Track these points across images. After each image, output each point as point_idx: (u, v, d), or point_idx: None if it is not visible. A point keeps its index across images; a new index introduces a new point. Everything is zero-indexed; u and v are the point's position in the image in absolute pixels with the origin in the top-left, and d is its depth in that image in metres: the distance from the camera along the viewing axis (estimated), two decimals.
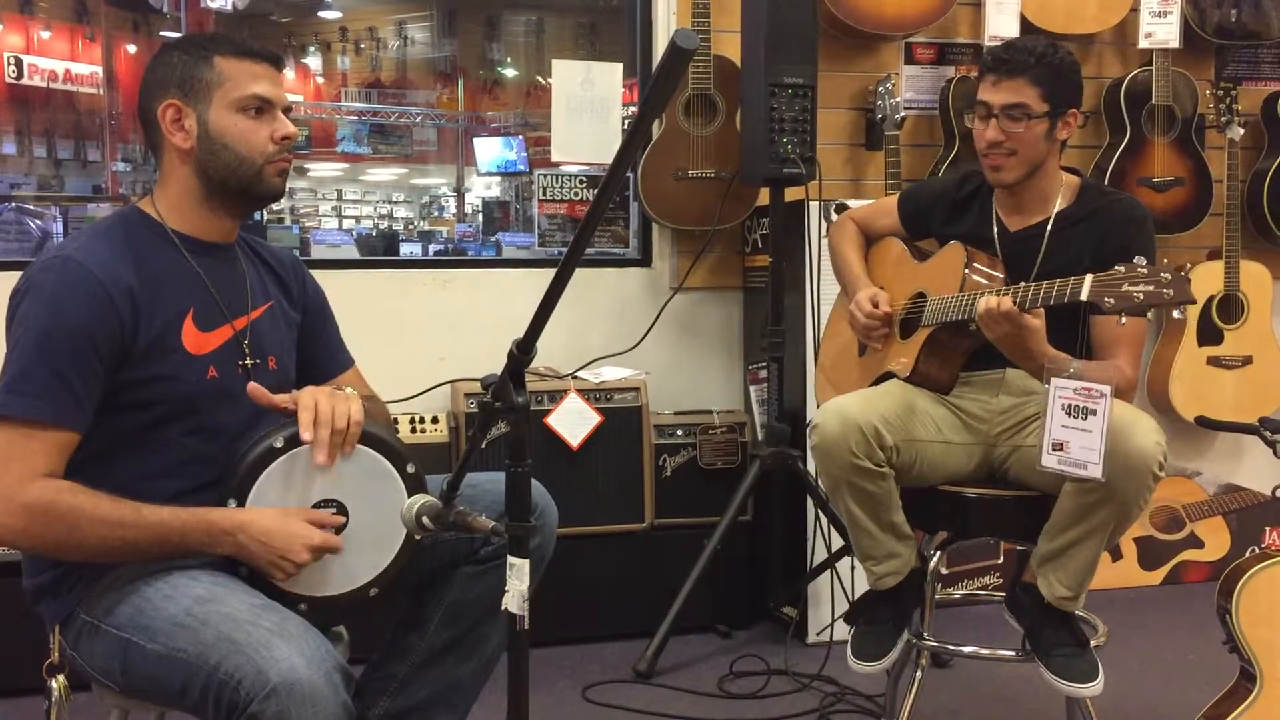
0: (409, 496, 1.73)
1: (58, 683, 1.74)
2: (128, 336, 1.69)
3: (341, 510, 1.75)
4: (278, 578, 1.70)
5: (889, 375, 2.51)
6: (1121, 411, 2.14)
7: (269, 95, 1.81)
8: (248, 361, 1.84)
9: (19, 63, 5.21)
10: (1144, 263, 2.02)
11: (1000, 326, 2.18)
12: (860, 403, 2.32)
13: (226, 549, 1.67)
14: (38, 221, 4.36)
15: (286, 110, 1.85)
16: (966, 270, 2.36)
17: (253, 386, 1.77)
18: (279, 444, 1.71)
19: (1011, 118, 2.36)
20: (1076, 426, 2.09)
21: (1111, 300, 2.03)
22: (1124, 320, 2.04)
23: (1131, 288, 2.01)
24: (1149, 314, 2.07)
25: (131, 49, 6.11)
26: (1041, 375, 2.27)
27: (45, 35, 5.45)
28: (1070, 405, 2.10)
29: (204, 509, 1.68)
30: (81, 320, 1.65)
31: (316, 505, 1.73)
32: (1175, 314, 2.05)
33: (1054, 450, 2.12)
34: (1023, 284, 2.21)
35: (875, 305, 2.53)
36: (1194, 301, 2.05)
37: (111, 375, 1.69)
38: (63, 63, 5.45)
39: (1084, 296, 2.07)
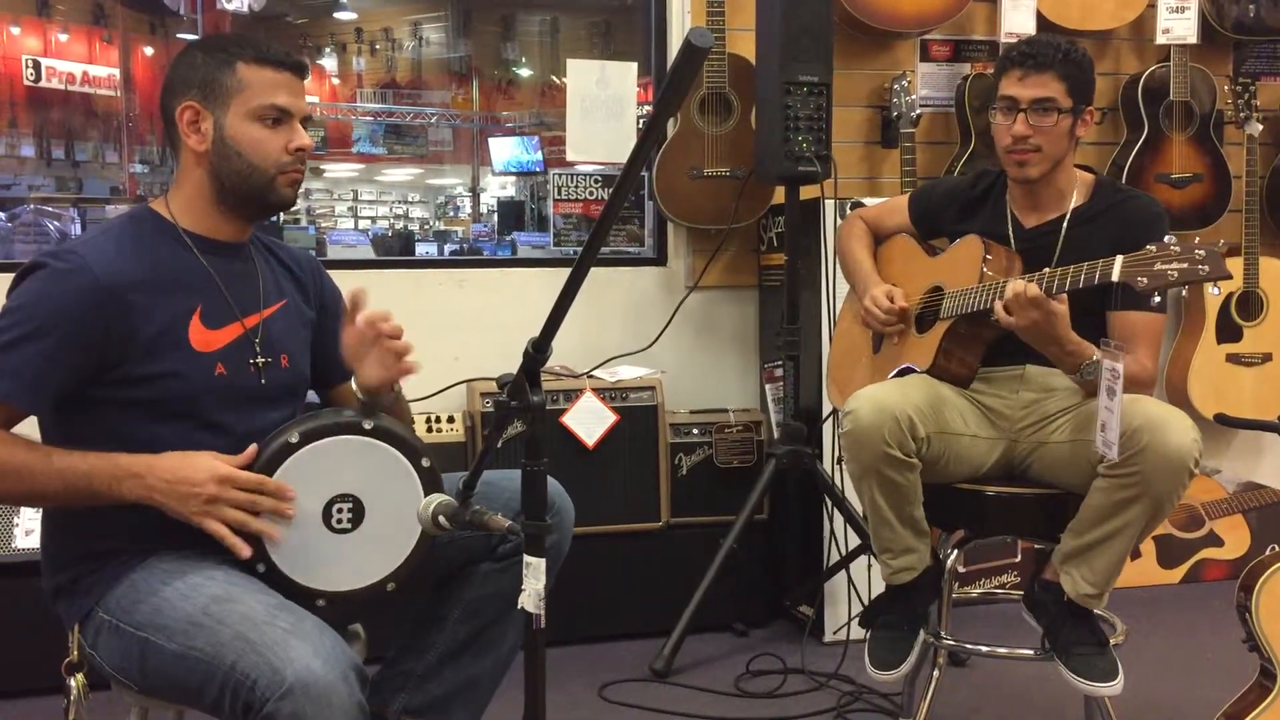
0: (424, 492, 1.75)
1: (76, 681, 1.75)
2: (116, 335, 1.70)
3: (358, 505, 1.76)
4: (206, 524, 1.66)
5: (906, 370, 2.50)
6: (1157, 408, 2.14)
7: (287, 106, 1.81)
8: (259, 360, 1.85)
9: (37, 65, 5.24)
10: (1175, 241, 2.01)
11: (1028, 314, 2.17)
12: (895, 392, 2.31)
13: (134, 491, 1.65)
14: (56, 223, 4.39)
15: (305, 120, 1.85)
16: (985, 262, 2.35)
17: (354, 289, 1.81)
18: (295, 439, 1.72)
19: (1041, 111, 2.36)
20: (1110, 408, 2.09)
21: (1145, 280, 2.01)
22: (1157, 300, 2.03)
23: (1165, 266, 2.00)
24: (1184, 291, 2.05)
25: (148, 51, 6.13)
26: (1065, 364, 2.26)
27: (63, 38, 5.48)
28: (1108, 387, 2.10)
29: (115, 454, 1.67)
30: (65, 311, 1.67)
31: (332, 501, 1.74)
32: (1211, 290, 2.05)
33: (1100, 431, 2.12)
34: (1047, 270, 2.20)
35: (891, 300, 2.53)
36: (1229, 276, 2.03)
37: (105, 370, 1.71)
38: (80, 65, 5.48)
39: (1115, 277, 2.05)
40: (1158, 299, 2.05)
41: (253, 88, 1.79)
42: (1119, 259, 2.06)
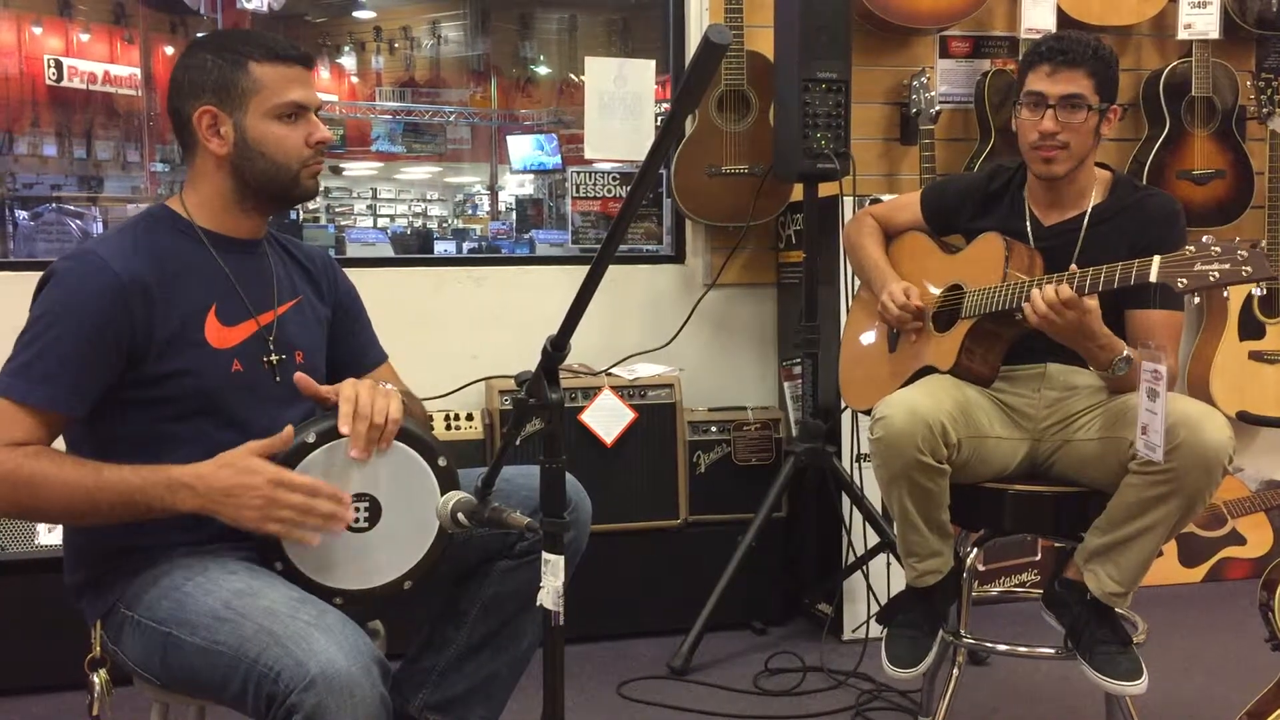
0: (441, 490, 1.75)
1: (99, 677, 1.76)
2: (140, 330, 1.71)
3: (375, 505, 1.77)
4: (268, 528, 1.66)
5: (926, 370, 2.49)
6: (1191, 406, 2.13)
7: (303, 101, 1.82)
8: (273, 357, 1.85)
9: (59, 65, 5.26)
10: (1214, 241, 1.98)
11: (1062, 314, 2.15)
12: (926, 398, 2.29)
13: (189, 502, 1.65)
14: (78, 222, 4.42)
15: (317, 110, 1.86)
16: (1007, 260, 2.34)
17: (299, 376, 1.78)
18: (311, 439, 1.72)
19: (1071, 107, 2.34)
20: (1152, 409, 2.08)
21: (1185, 281, 1.99)
22: (1197, 300, 2.01)
23: (1205, 267, 1.97)
24: (1203, 295, 2.03)
25: (169, 50, 6.16)
26: (1097, 359, 2.24)
27: (84, 38, 5.51)
28: (1149, 389, 2.08)
29: (165, 465, 1.67)
30: (91, 310, 1.68)
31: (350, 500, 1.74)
32: (1255, 291, 2.02)
33: (1142, 434, 2.11)
34: (1076, 268, 2.18)
35: (909, 297, 2.51)
36: (1274, 276, 2.00)
37: (130, 368, 1.72)
38: (102, 65, 5.50)
39: (1153, 278, 2.03)
40: (1198, 299, 2.03)
41: (270, 86, 1.79)
42: (1156, 260, 2.03)
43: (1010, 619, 3.45)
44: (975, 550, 2.45)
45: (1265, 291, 2.19)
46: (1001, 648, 2.56)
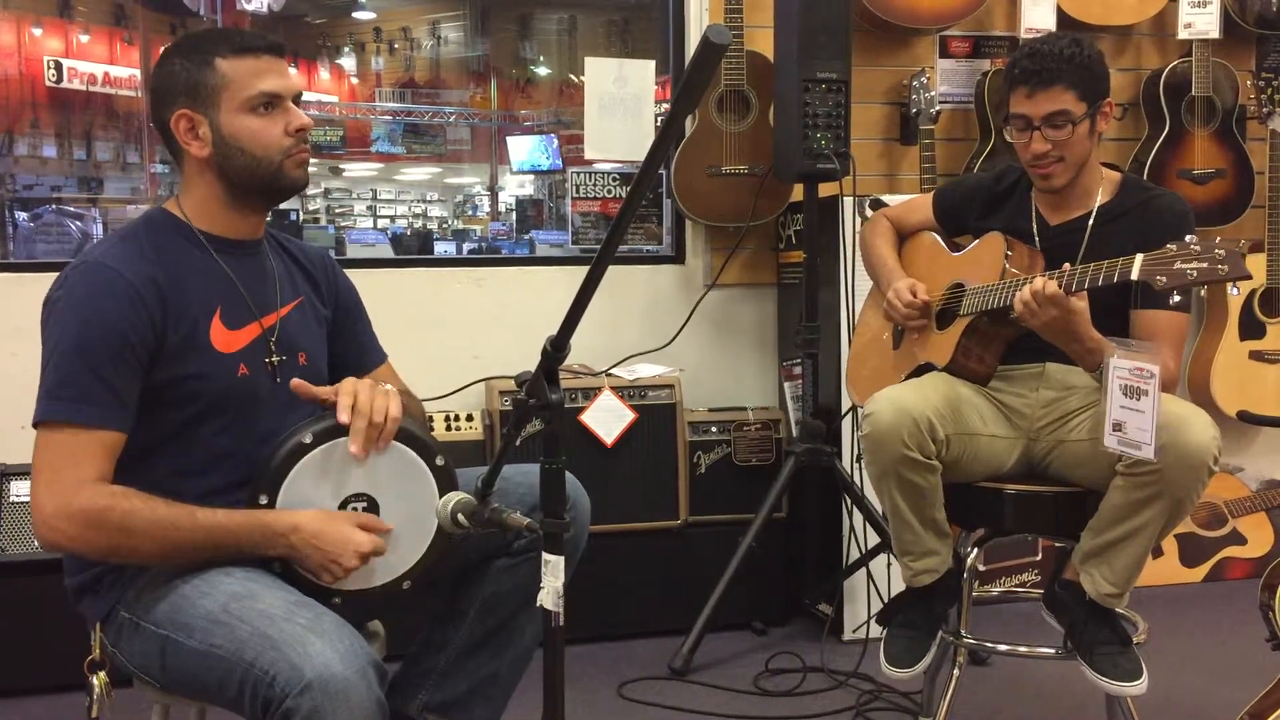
0: (439, 490, 1.75)
1: (99, 679, 1.76)
2: (158, 334, 1.71)
3: (372, 504, 1.76)
4: (325, 580, 1.71)
5: (925, 367, 2.49)
6: (1176, 405, 2.13)
7: (276, 89, 1.79)
8: (274, 358, 1.85)
9: (59, 66, 5.26)
10: (1195, 240, 1.99)
11: (1046, 311, 2.16)
12: (914, 394, 2.30)
13: (279, 550, 1.69)
14: (78, 223, 4.42)
15: (297, 98, 1.83)
16: (1006, 259, 2.34)
17: (296, 382, 1.78)
18: (308, 439, 1.72)
19: (1055, 126, 2.33)
20: (1132, 407, 2.07)
21: (1164, 279, 2.00)
22: (1176, 299, 2.02)
23: (1184, 265, 1.99)
24: (1203, 292, 2.03)
25: None
26: (1085, 362, 2.25)
27: (84, 39, 5.51)
28: (1126, 385, 2.08)
29: (258, 511, 1.70)
30: (114, 321, 1.67)
31: (347, 499, 1.74)
32: (1231, 291, 2.03)
33: (1114, 430, 2.10)
34: (1066, 266, 2.19)
35: (914, 294, 2.52)
36: (1249, 276, 2.01)
37: (146, 374, 1.71)
38: (101, 66, 5.50)
39: (1134, 276, 2.04)
40: (1178, 298, 2.03)
41: (238, 80, 1.77)
42: (1139, 257, 2.04)
43: (1011, 619, 3.45)
44: (975, 550, 2.44)
45: (1239, 292, 2.20)
46: (1002, 648, 2.56)
